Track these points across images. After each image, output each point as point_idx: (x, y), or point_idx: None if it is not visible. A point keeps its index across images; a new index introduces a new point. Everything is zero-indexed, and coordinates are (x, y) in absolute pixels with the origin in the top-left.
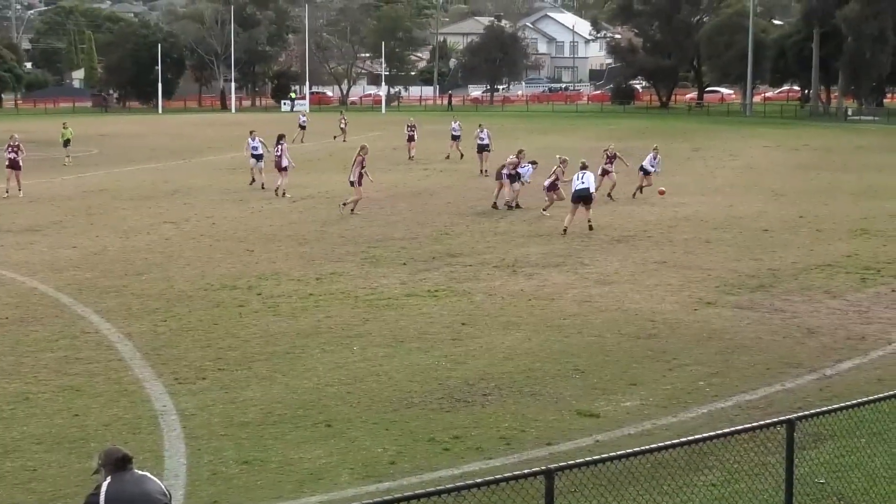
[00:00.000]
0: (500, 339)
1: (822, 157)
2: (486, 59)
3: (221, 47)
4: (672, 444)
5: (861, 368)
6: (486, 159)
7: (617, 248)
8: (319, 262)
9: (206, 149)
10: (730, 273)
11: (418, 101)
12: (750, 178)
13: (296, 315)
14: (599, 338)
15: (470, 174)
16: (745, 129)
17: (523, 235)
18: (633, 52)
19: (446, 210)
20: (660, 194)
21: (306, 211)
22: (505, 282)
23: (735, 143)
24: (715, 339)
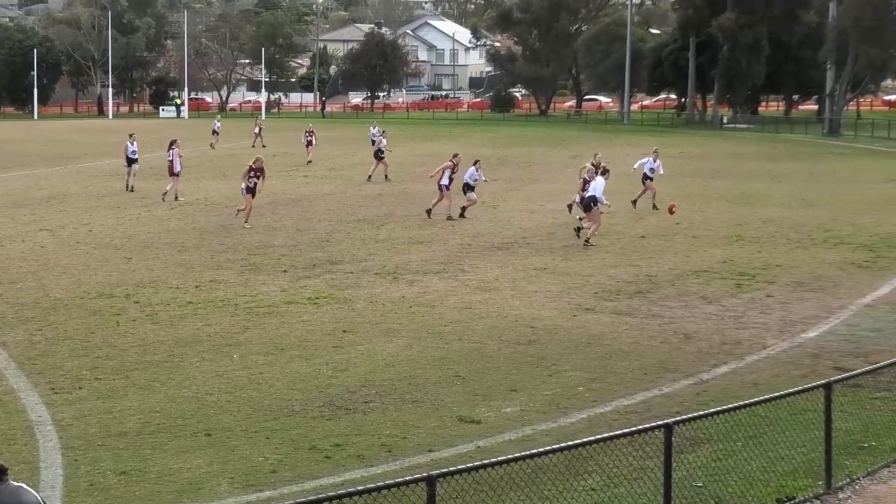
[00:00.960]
0: (381, 346)
1: (698, 164)
2: (367, 66)
3: (99, 52)
4: (552, 449)
5: (737, 373)
6: (380, 166)
7: (497, 255)
8: (199, 270)
9: (82, 155)
10: (608, 279)
11: (299, 108)
12: (627, 186)
13: (174, 323)
14: (480, 344)
15: (350, 181)
16: (623, 137)
17: (404, 242)
18: (512, 60)
19: (327, 217)
20: (670, 213)
21: (185, 218)
22: (386, 289)
23: (612, 150)
24: (594, 344)
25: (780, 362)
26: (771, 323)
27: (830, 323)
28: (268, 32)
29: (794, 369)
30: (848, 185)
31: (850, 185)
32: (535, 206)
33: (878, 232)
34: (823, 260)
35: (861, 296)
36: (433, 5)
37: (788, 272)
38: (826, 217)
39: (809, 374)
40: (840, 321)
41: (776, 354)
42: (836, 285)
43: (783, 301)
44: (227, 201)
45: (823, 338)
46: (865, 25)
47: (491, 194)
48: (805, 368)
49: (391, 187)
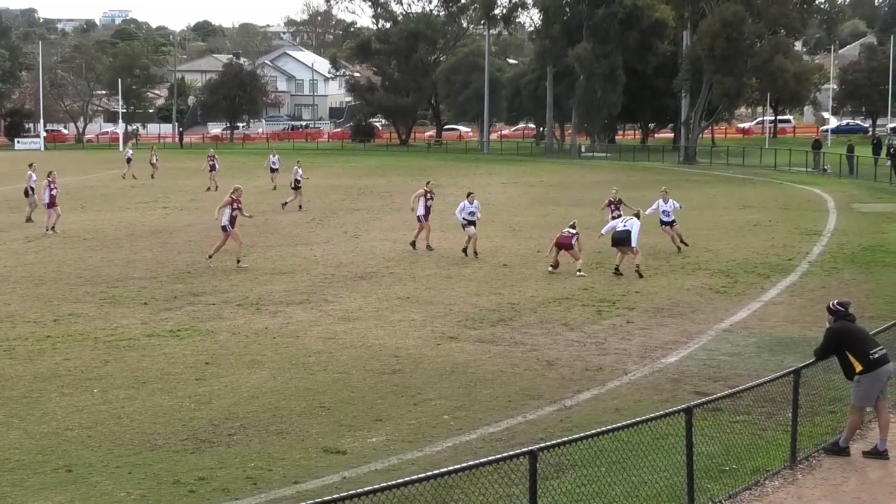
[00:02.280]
0: (244, 377)
1: (557, 192)
2: (225, 97)
3: None
4: (418, 478)
5: (599, 399)
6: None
7: (360, 285)
8: (57, 304)
9: None
10: (471, 307)
11: (157, 139)
12: (488, 214)
13: (32, 358)
14: (345, 374)
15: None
16: (483, 166)
17: (266, 273)
18: (372, 90)
19: (188, 249)
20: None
21: (43, 251)
22: (249, 320)
23: (473, 179)
24: (458, 372)
25: (641, 387)
26: (632, 349)
27: (690, 348)
28: (124, 63)
29: (655, 394)
30: (704, 211)
31: (706, 211)
32: (397, 236)
33: (734, 257)
34: (682, 286)
35: (719, 321)
36: (291, 36)
37: (648, 298)
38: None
39: (670, 399)
40: (699, 346)
41: (637, 380)
42: (694, 311)
43: (643, 327)
44: (86, 233)
45: (683, 363)
46: (718, 55)
47: (353, 224)
48: (666, 393)
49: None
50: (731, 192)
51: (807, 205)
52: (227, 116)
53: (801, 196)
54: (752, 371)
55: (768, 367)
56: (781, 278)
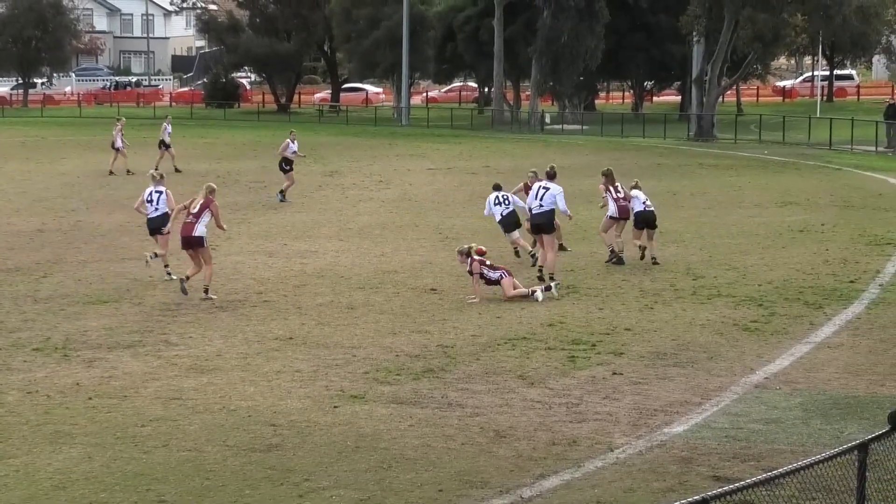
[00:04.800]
0: (45, 458)
1: (509, 183)
2: (16, 41)
3: None
4: None
5: (573, 487)
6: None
7: (219, 319)
8: None
9: None
10: (384, 352)
11: None
12: (408, 215)
13: None
14: (196, 452)
15: (2, 209)
16: (401, 143)
17: (79, 302)
18: (235, 30)
19: None
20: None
21: None
22: (52, 372)
23: (386, 163)
24: (365, 449)
25: (634, 470)
26: (620, 413)
27: (705, 412)
28: None
29: (654, 480)
30: (726, 210)
31: (730, 210)
32: (274, 246)
33: (769, 278)
34: (693, 320)
35: (748, 372)
36: None
37: (643, 338)
38: (696, 258)
39: (677, 487)
40: (719, 409)
41: (628, 458)
42: (711, 357)
43: (637, 381)
44: None
45: (696, 434)
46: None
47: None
48: (671, 479)
49: (56, 220)
50: (766, 181)
51: (876, 201)
52: (19, 69)
53: (869, 188)
54: (796, 446)
55: (821, 439)
56: (840, 309)
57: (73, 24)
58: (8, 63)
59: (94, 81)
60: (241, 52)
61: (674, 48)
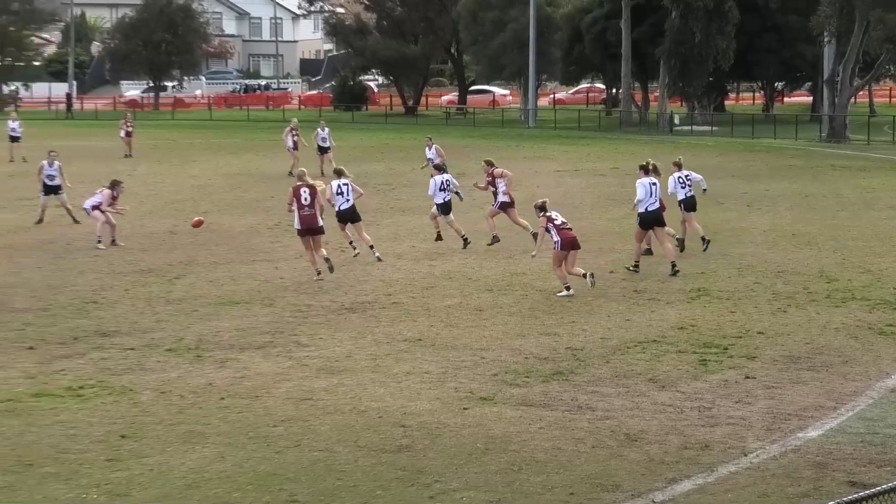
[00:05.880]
0: (179, 457)
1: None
2: (147, 44)
3: None
4: None
5: (706, 491)
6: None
7: (349, 321)
8: None
9: None
10: (513, 354)
11: (46, 105)
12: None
13: None
14: (327, 452)
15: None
16: (528, 145)
17: (211, 303)
18: (362, 33)
19: (94, 266)
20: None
21: None
22: (185, 373)
23: (513, 166)
24: (494, 451)
25: (768, 475)
26: (753, 417)
27: (840, 417)
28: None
29: (789, 485)
30: (859, 212)
31: (863, 212)
32: (403, 248)
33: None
34: (827, 324)
35: (884, 376)
36: None
37: (776, 342)
38: (829, 260)
39: (812, 493)
40: (854, 414)
41: (762, 463)
42: (846, 360)
43: (770, 385)
44: None
45: (831, 439)
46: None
47: (335, 231)
48: (806, 484)
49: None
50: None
51: None
52: (150, 72)
53: None
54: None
55: None
56: None
57: (203, 28)
58: (139, 67)
59: (223, 85)
60: (369, 55)
61: (805, 49)
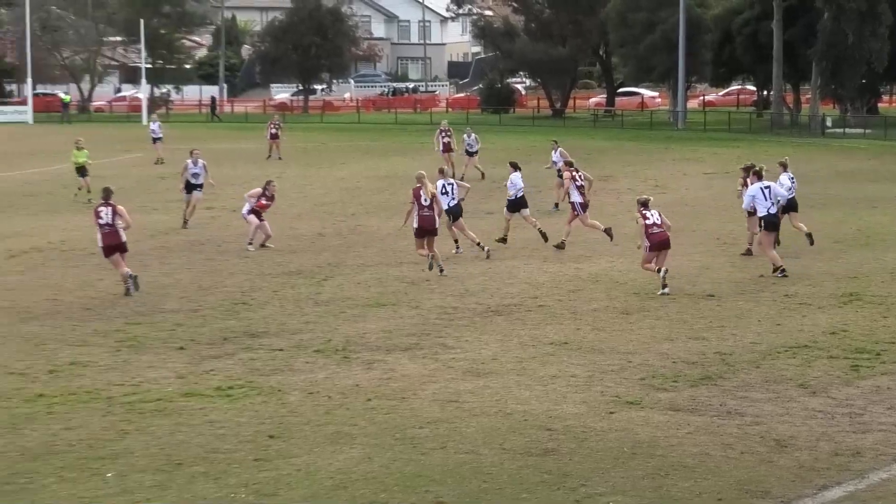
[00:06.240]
0: (326, 458)
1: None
2: (296, 47)
3: None
4: None
5: (856, 498)
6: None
7: (495, 323)
8: (53, 347)
9: None
10: (660, 359)
11: (196, 108)
12: (684, 220)
13: (18, 426)
14: (473, 455)
15: (277, 215)
16: (677, 148)
17: (359, 305)
18: (510, 35)
19: (243, 268)
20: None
21: (31, 270)
22: (332, 374)
23: (662, 168)
24: (641, 455)
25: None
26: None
27: None
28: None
29: None
30: None
31: None
32: (549, 252)
33: None
34: None
35: None
36: None
37: None
38: None
39: None
40: None
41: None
42: None
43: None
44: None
45: None
46: None
47: (482, 234)
48: None
49: (336, 224)
50: None
51: None
52: (299, 75)
53: None
54: None
55: None
56: None
57: (352, 32)
58: (289, 70)
59: (372, 87)
60: (517, 58)
61: None
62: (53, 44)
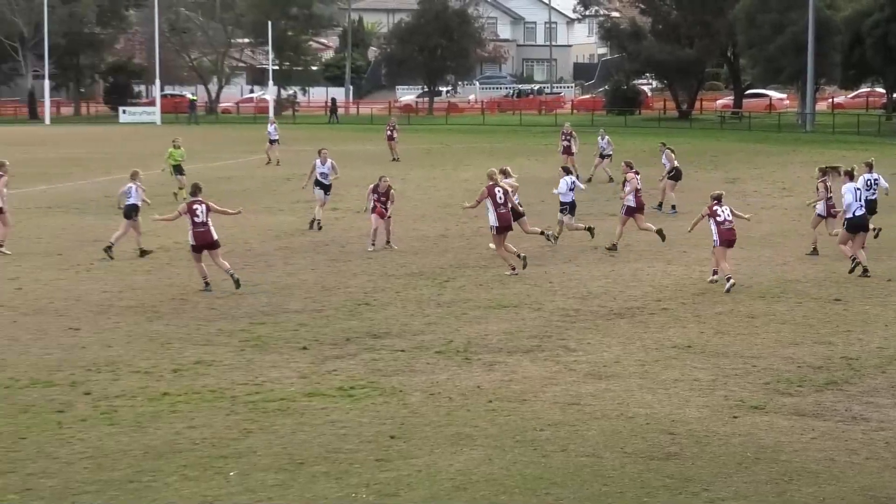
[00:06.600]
0: (446, 459)
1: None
2: (422, 49)
3: (29, 29)
4: None
5: None
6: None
7: (617, 326)
8: (178, 346)
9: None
10: (785, 363)
11: (322, 109)
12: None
13: (143, 425)
14: (594, 458)
15: (401, 215)
16: (805, 150)
17: (480, 307)
18: (637, 37)
19: (367, 269)
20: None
21: (157, 270)
22: (453, 375)
23: (789, 170)
24: (765, 460)
25: None
26: None
27: None
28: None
29: None
30: None
31: None
32: (673, 254)
33: None
34: None
35: None
36: None
37: None
38: None
39: None
40: None
41: None
42: None
43: None
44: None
45: None
46: None
47: (606, 235)
48: None
49: (459, 226)
50: None
51: None
52: (425, 77)
53: None
54: None
55: None
56: None
57: (478, 33)
58: (414, 71)
59: (496, 89)
60: (643, 59)
61: None
62: (182, 45)
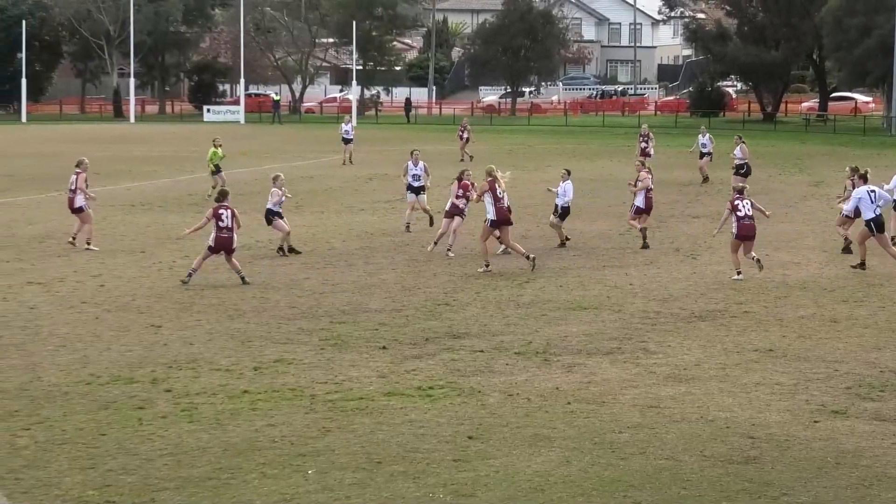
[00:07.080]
0: (524, 460)
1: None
2: (506, 49)
3: (116, 27)
4: None
5: None
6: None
7: (698, 329)
8: (258, 345)
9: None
10: (867, 367)
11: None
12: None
13: (223, 423)
14: (673, 461)
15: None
16: (890, 154)
17: (560, 308)
18: (723, 38)
19: (447, 269)
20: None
21: (242, 268)
22: (532, 376)
23: (874, 175)
24: (845, 465)
25: None
26: None
27: None
28: (361, 1)
29: None
30: None
31: None
32: (757, 255)
33: None
34: None
35: None
36: None
37: None
38: None
39: None
40: None
41: None
42: None
43: None
44: (303, 245)
45: None
46: None
47: (689, 238)
48: None
49: (540, 227)
50: None
51: None
52: (508, 78)
53: None
54: None
55: None
56: None
57: (563, 34)
58: (498, 72)
59: (580, 90)
60: (728, 61)
61: None
62: (267, 45)
